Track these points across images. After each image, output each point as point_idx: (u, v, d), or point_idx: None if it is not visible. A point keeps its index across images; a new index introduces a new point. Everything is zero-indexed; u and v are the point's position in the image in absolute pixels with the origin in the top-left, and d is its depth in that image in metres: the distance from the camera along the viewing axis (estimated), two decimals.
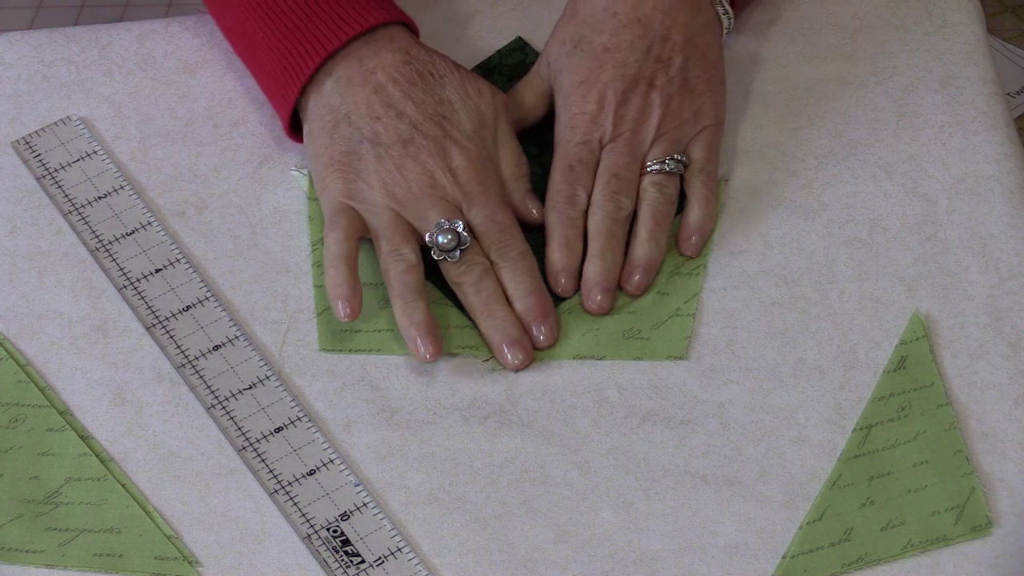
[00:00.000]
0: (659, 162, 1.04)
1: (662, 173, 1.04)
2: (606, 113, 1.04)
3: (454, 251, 1.00)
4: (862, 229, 1.05)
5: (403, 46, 1.05)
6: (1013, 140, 1.08)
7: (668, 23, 1.05)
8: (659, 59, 1.05)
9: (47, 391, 1.00)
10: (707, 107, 1.06)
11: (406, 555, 0.92)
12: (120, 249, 1.06)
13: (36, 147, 1.11)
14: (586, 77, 1.05)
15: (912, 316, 1.00)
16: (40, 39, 1.17)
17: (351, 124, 1.03)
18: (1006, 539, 0.92)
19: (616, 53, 1.05)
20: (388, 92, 1.03)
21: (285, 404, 0.99)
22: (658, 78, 1.04)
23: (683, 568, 0.91)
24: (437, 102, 1.04)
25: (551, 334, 1.00)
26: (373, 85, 1.03)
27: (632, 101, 1.04)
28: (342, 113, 1.03)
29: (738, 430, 0.96)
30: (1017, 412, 0.96)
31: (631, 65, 1.04)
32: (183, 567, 0.93)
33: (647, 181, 1.04)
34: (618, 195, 1.03)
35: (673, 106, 1.04)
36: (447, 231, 1.00)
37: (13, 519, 0.94)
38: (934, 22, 1.15)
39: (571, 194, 1.03)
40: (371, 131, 1.03)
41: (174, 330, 1.02)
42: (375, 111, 1.03)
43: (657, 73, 1.04)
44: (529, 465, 0.96)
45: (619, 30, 1.05)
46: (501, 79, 1.13)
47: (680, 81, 1.05)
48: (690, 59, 1.05)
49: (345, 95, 1.04)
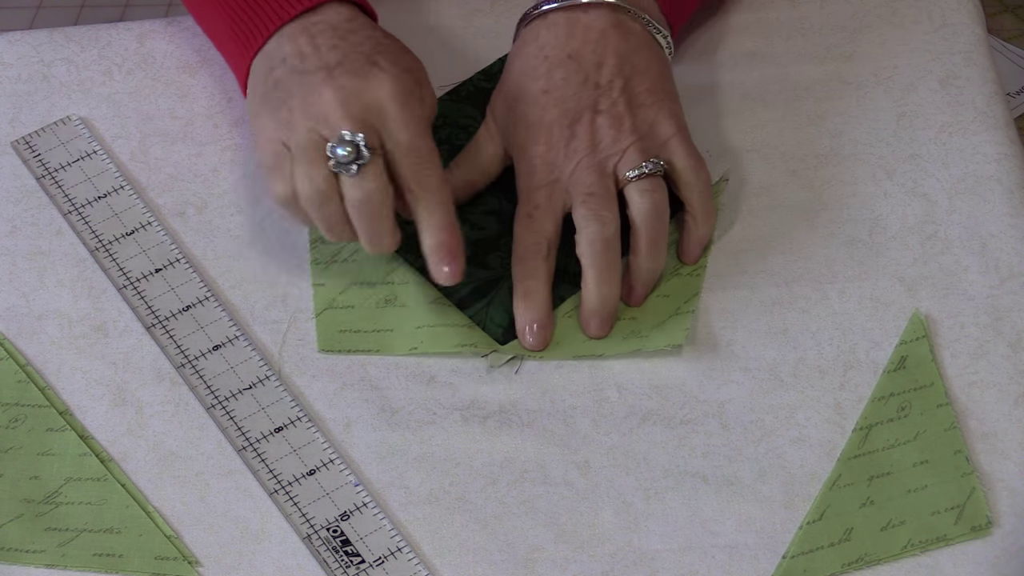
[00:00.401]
0: (637, 168, 1.01)
1: (644, 177, 1.01)
2: (556, 151, 1.02)
3: (350, 165, 0.97)
4: (862, 229, 1.05)
5: (352, 14, 1.04)
6: (1013, 140, 1.08)
7: (599, 51, 1.03)
8: (597, 86, 1.02)
9: (47, 391, 1.00)
10: (662, 118, 1.03)
11: (406, 555, 0.92)
12: (120, 249, 1.06)
13: (36, 147, 1.11)
14: (532, 123, 1.03)
15: (912, 316, 1.00)
16: (40, 39, 1.17)
17: (285, 63, 1.01)
18: (1006, 539, 0.92)
19: (554, 92, 1.03)
20: (326, 35, 1.01)
21: (285, 404, 0.99)
22: (601, 103, 1.02)
23: (683, 568, 0.91)
24: (374, 43, 1.02)
25: (457, 272, 0.98)
26: (312, 32, 1.02)
27: (579, 131, 1.02)
28: (278, 58, 1.02)
29: (738, 430, 0.96)
30: (1017, 412, 0.96)
31: (570, 99, 1.02)
32: (183, 567, 0.93)
33: (632, 191, 1.01)
34: (599, 211, 0.99)
35: (626, 124, 1.02)
36: (347, 143, 0.97)
37: (13, 519, 0.94)
38: (934, 22, 1.15)
39: (531, 243, 1.01)
40: (301, 65, 1.00)
41: (174, 330, 1.02)
42: (308, 49, 1.01)
43: (599, 99, 1.02)
44: (529, 465, 0.96)
45: (552, 70, 1.03)
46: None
47: (626, 100, 1.02)
48: (631, 79, 1.03)
49: (283, 44, 1.02)
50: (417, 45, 1.08)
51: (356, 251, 1.05)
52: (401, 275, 1.04)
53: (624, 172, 1.01)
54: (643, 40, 1.05)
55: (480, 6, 1.18)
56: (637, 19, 1.05)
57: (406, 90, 0.99)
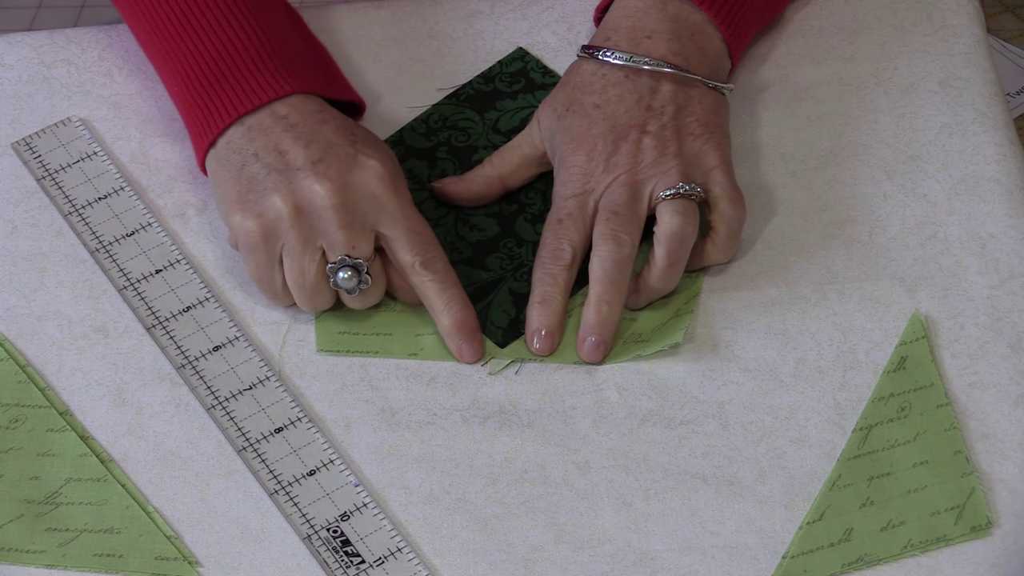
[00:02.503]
0: (672, 187, 1.00)
1: (677, 197, 1.00)
2: (596, 163, 1.02)
3: (353, 290, 0.99)
4: (862, 229, 1.05)
5: (319, 105, 1.03)
6: (1013, 141, 1.08)
7: (656, 76, 1.03)
8: (650, 108, 1.02)
9: (47, 392, 1.00)
10: (709, 149, 1.02)
11: (406, 555, 0.92)
12: (120, 250, 1.06)
13: (36, 148, 1.11)
14: (578, 134, 1.03)
15: (912, 316, 1.00)
16: (40, 40, 1.18)
17: (259, 160, 1.00)
18: (1006, 539, 0.92)
19: (606, 108, 1.03)
20: (300, 128, 1.00)
21: (285, 404, 0.99)
22: (650, 124, 1.02)
23: (683, 568, 0.91)
24: (349, 132, 1.01)
25: (479, 350, 1.00)
26: (284, 125, 1.01)
27: (623, 148, 1.02)
28: (249, 152, 1.01)
29: (738, 430, 0.96)
30: (1017, 412, 0.96)
31: (621, 116, 1.02)
32: (183, 567, 0.93)
33: (663, 209, 1.00)
34: (618, 232, 0.99)
35: (671, 148, 1.01)
36: (348, 267, 0.98)
37: (13, 519, 0.94)
38: (934, 23, 1.15)
39: (556, 248, 1.01)
40: (280, 162, 0.99)
41: (174, 331, 1.02)
42: (284, 145, 1.00)
43: (649, 120, 1.02)
44: (529, 465, 0.96)
45: (608, 87, 1.03)
46: (502, 84, 1.13)
47: (675, 127, 1.02)
48: (683, 107, 1.03)
49: (254, 138, 1.01)
50: (417, 48, 1.08)
51: None
52: None
53: (659, 191, 1.01)
54: (711, 96, 1.05)
55: (480, 8, 1.18)
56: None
57: (393, 174, 1.00)
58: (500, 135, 1.10)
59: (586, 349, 0.99)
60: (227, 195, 1.01)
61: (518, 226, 1.06)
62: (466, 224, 1.06)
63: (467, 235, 1.06)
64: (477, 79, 1.13)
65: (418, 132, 1.10)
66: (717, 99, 1.05)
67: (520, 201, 1.07)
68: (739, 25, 1.07)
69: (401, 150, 1.09)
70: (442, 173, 1.08)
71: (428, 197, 1.08)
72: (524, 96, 1.12)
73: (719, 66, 1.06)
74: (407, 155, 1.09)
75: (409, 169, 1.08)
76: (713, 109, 1.04)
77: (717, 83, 1.05)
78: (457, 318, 1.00)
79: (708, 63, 1.05)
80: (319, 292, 1.00)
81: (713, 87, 1.04)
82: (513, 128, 1.10)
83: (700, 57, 1.04)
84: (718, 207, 1.01)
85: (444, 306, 1.00)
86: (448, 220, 1.06)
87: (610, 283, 0.99)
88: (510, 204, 1.07)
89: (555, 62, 1.14)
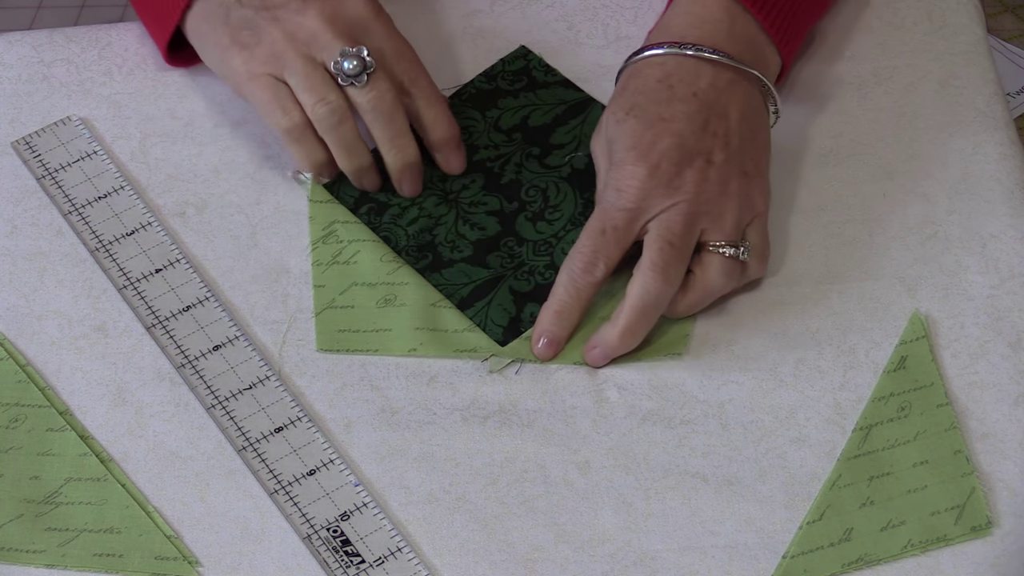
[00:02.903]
0: (732, 246, 0.98)
1: (732, 259, 0.99)
2: (658, 182, 0.98)
3: (360, 75, 1.02)
4: (862, 229, 1.05)
5: None
6: (1013, 140, 1.08)
7: (724, 101, 1.01)
8: (715, 135, 1.00)
9: (47, 391, 1.00)
10: (757, 193, 1.01)
11: (406, 555, 0.92)
12: (120, 249, 1.06)
13: (36, 147, 1.11)
14: (639, 143, 0.99)
15: (912, 316, 1.00)
16: (40, 39, 1.17)
17: (242, 5, 1.04)
18: (1006, 539, 0.92)
19: (672, 124, 0.99)
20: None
21: (285, 404, 0.99)
22: (715, 154, 0.99)
23: (683, 568, 0.91)
24: None
25: (461, 162, 1.06)
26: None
27: (687, 174, 0.98)
28: (232, 1, 1.05)
29: (738, 430, 0.96)
30: (1017, 412, 0.96)
31: (688, 137, 0.99)
32: (183, 567, 0.93)
33: (712, 263, 0.98)
34: (669, 267, 0.97)
35: (732, 185, 0.99)
36: (351, 56, 1.02)
37: (13, 519, 0.94)
38: (934, 23, 1.15)
39: (591, 261, 0.98)
40: (264, 2, 1.04)
41: (174, 330, 1.02)
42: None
43: (714, 149, 0.99)
44: (529, 465, 0.96)
45: (675, 102, 1.00)
46: (504, 83, 1.13)
47: (738, 162, 1.00)
48: (746, 141, 1.01)
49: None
50: (417, 48, 1.08)
51: (357, 252, 1.05)
52: (401, 276, 1.04)
53: (713, 237, 0.99)
54: (759, 103, 1.03)
55: (480, 7, 1.18)
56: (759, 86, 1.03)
57: (376, 4, 1.05)
58: (501, 133, 1.10)
59: (592, 356, 0.99)
60: (219, 42, 1.05)
61: (519, 224, 1.06)
62: (467, 223, 1.06)
63: (467, 233, 1.06)
64: (479, 78, 1.13)
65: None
66: (767, 134, 1.03)
67: (521, 199, 1.07)
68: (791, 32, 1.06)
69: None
70: (443, 172, 1.08)
71: (431, 195, 1.08)
72: (526, 94, 1.12)
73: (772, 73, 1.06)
74: None
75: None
76: (765, 148, 1.03)
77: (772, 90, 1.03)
78: (446, 133, 1.06)
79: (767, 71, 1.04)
80: (330, 89, 1.02)
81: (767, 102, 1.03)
82: (514, 126, 1.10)
83: (762, 66, 1.04)
84: (748, 262, 1.00)
85: (432, 121, 1.05)
86: (449, 218, 1.07)
87: (643, 315, 0.98)
88: (511, 202, 1.07)
89: (555, 61, 1.14)
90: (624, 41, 1.15)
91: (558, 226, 1.06)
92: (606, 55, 1.13)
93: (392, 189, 1.08)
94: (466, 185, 1.08)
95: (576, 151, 1.09)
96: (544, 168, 1.08)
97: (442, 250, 1.05)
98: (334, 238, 1.06)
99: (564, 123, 1.10)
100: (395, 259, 1.05)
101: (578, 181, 1.08)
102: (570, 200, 1.07)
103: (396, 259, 1.05)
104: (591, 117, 1.10)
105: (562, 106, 1.11)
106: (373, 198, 1.08)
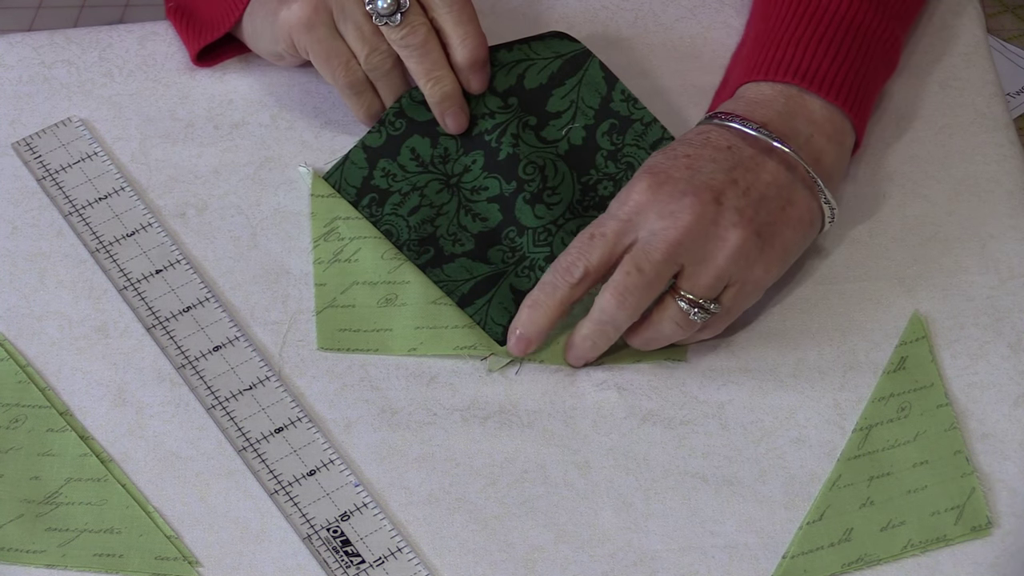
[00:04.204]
0: (695, 304, 0.95)
1: (698, 312, 0.96)
2: (657, 200, 0.96)
3: (395, 15, 1.03)
4: (862, 229, 1.05)
5: None
6: (1013, 141, 1.08)
7: (759, 162, 0.98)
8: (736, 182, 0.96)
9: (47, 392, 1.00)
10: (760, 262, 0.96)
11: (406, 555, 0.92)
12: (120, 250, 1.06)
13: (37, 148, 1.11)
14: (655, 166, 0.98)
15: (912, 316, 1.00)
16: (40, 41, 1.18)
17: None
18: (1006, 539, 0.92)
19: (695, 161, 0.97)
20: None
21: (285, 404, 0.99)
22: (727, 197, 0.96)
23: (683, 568, 0.91)
24: None
25: (482, 84, 1.07)
26: None
27: (687, 201, 0.95)
28: None
29: (738, 430, 0.96)
30: (1017, 412, 0.96)
31: (705, 173, 0.96)
32: (183, 567, 0.93)
33: (671, 309, 0.96)
34: (627, 294, 0.95)
35: (732, 237, 0.95)
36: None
37: (13, 519, 0.95)
38: (934, 24, 1.15)
39: (572, 263, 0.97)
40: None
41: (174, 331, 1.02)
42: None
43: (728, 191, 0.96)
44: (529, 465, 0.96)
45: (705, 147, 0.98)
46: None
47: (751, 218, 0.96)
48: (770, 203, 0.97)
49: None
50: None
51: (359, 250, 1.05)
52: (402, 274, 1.04)
53: (685, 284, 0.96)
54: (807, 199, 0.99)
55: (481, 8, 1.18)
56: (814, 189, 0.99)
57: None
58: (496, 96, 1.08)
59: (568, 356, 0.99)
60: (266, 4, 1.07)
61: (518, 209, 1.05)
62: (468, 213, 1.06)
63: (469, 225, 1.06)
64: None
65: (416, 100, 1.09)
66: (803, 234, 0.99)
67: (519, 177, 1.06)
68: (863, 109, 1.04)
69: (403, 123, 1.09)
70: (444, 151, 1.08)
71: (432, 180, 1.07)
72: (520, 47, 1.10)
73: (838, 171, 1.02)
74: (409, 130, 1.08)
75: (412, 148, 1.08)
76: (796, 225, 0.98)
77: (826, 192, 0.99)
78: (474, 54, 1.05)
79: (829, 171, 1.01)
80: (381, 39, 1.04)
81: (825, 201, 0.99)
82: (510, 88, 1.08)
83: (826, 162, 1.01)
84: (706, 323, 0.97)
85: (461, 38, 1.05)
86: (450, 207, 1.06)
87: (600, 330, 0.97)
88: (509, 183, 1.06)
89: None
90: (624, 42, 1.15)
91: (557, 212, 1.05)
92: (606, 55, 1.13)
93: (393, 174, 1.07)
94: (467, 167, 1.08)
95: (572, 122, 1.08)
96: (541, 142, 1.07)
97: (444, 243, 1.05)
98: (335, 235, 1.06)
99: (560, 83, 1.09)
100: (396, 256, 1.05)
101: (575, 159, 1.07)
102: (568, 184, 1.06)
103: (398, 256, 1.05)
104: (588, 77, 1.09)
105: (558, 60, 1.10)
106: (375, 187, 1.08)
